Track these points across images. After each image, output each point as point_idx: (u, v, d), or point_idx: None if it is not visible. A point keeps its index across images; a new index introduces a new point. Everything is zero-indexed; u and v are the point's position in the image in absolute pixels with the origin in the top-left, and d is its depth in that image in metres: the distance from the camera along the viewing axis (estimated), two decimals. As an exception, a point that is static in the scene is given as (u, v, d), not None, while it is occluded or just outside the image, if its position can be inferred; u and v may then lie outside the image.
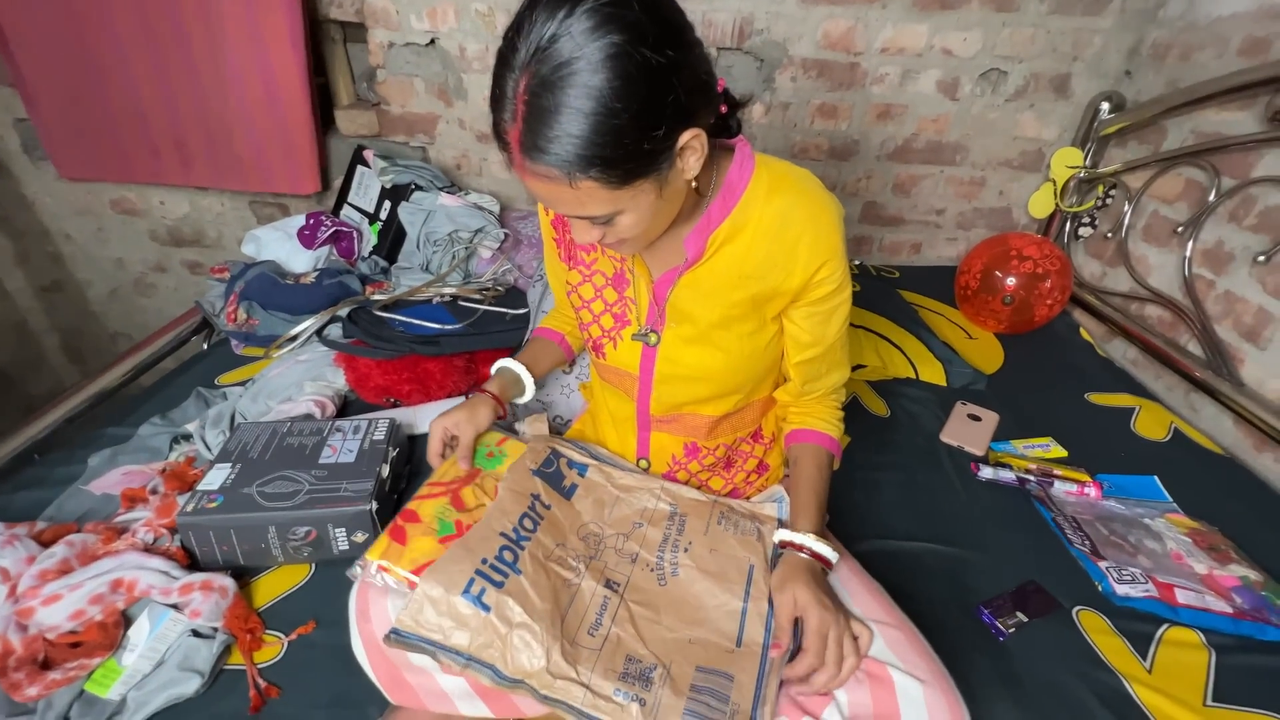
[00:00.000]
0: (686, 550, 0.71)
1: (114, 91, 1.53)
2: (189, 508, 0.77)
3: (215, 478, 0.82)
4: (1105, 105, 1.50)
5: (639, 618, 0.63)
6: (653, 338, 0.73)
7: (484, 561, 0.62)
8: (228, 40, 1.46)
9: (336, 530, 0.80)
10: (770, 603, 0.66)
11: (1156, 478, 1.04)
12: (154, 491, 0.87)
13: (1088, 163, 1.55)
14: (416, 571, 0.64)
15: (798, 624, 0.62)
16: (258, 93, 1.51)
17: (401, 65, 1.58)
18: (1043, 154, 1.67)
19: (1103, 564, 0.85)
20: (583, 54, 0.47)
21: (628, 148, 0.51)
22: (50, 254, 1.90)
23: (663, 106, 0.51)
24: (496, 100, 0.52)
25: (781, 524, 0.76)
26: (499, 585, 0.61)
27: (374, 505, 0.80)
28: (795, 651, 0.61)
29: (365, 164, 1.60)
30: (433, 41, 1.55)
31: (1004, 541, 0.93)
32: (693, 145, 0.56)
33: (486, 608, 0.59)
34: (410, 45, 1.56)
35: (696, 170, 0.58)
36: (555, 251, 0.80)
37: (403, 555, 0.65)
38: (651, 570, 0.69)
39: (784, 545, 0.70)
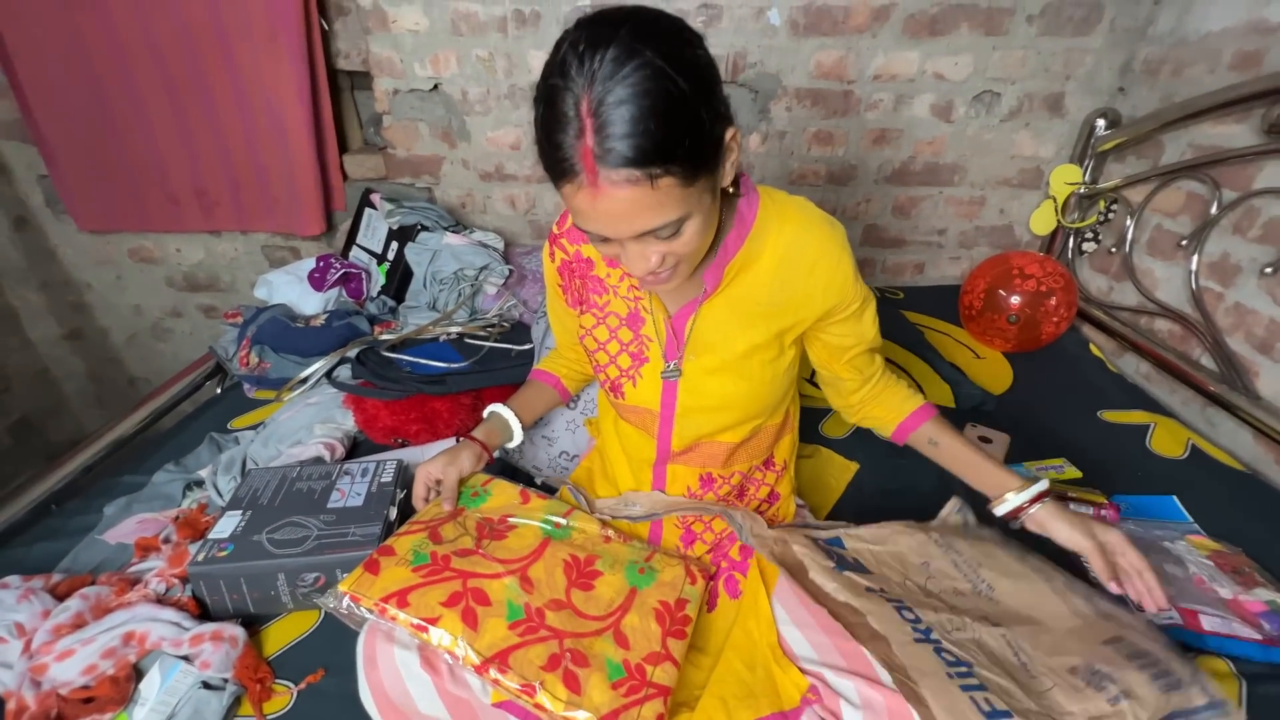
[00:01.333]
0: (982, 565, 0.72)
1: (132, 144, 1.59)
2: (200, 557, 0.78)
3: (226, 525, 0.82)
4: (1101, 122, 1.51)
5: (1024, 637, 0.64)
6: (673, 371, 0.74)
7: (950, 676, 0.57)
8: (248, 90, 1.52)
9: (345, 575, 0.81)
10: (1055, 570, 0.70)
11: (1175, 498, 1.02)
12: (166, 540, 0.88)
13: (1087, 178, 1.56)
14: (385, 600, 0.64)
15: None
16: (273, 139, 1.58)
17: (406, 110, 1.63)
18: (1041, 172, 1.68)
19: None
20: (640, 58, 0.49)
21: (699, 131, 0.52)
22: (72, 303, 1.95)
23: (715, 94, 0.54)
24: (557, 125, 0.51)
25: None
26: (982, 687, 0.56)
27: (381, 549, 0.80)
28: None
29: (373, 206, 1.64)
30: (436, 87, 1.60)
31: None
32: (731, 145, 0.58)
33: (1006, 714, 0.54)
34: (414, 91, 1.61)
35: (732, 175, 0.61)
36: (561, 298, 0.81)
37: (374, 585, 0.66)
38: (979, 595, 0.70)
39: (1014, 514, 0.72)
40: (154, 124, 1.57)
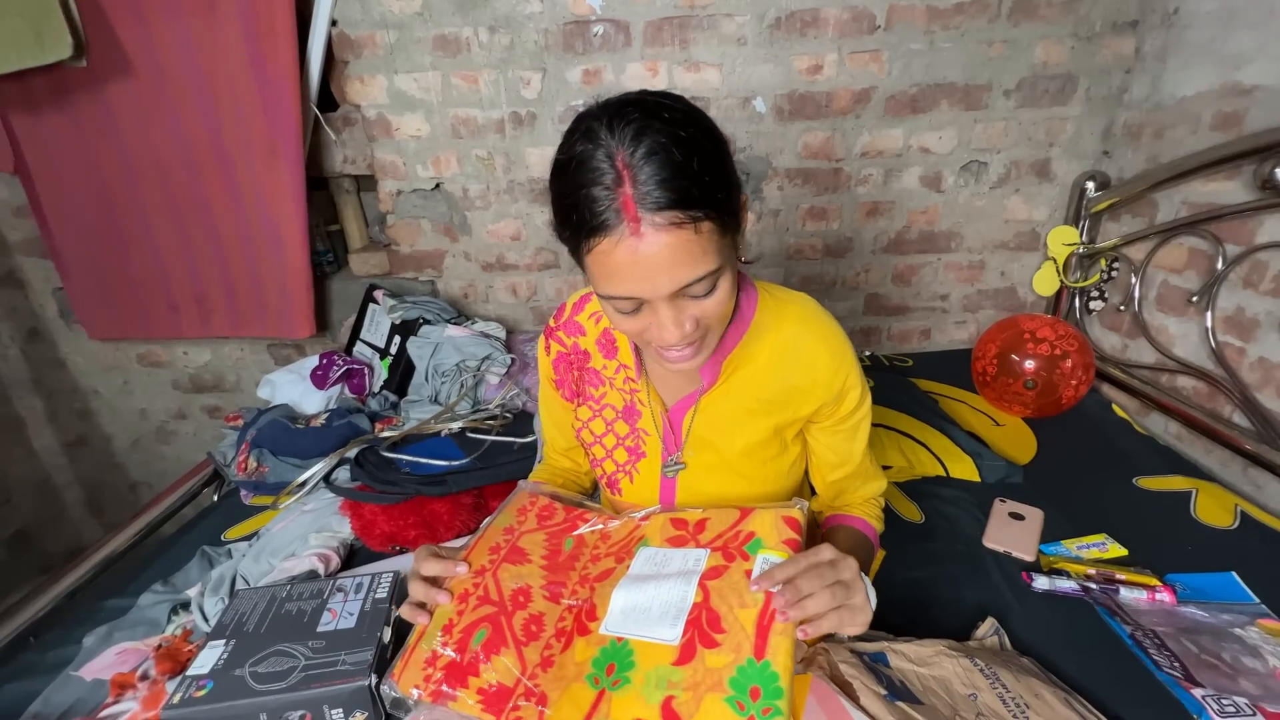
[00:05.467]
0: (1029, 707, 0.67)
1: (138, 257, 1.65)
2: (175, 699, 0.71)
3: (207, 659, 0.76)
4: (1090, 184, 1.53)
5: None
6: (669, 470, 0.71)
7: None
8: (245, 200, 1.58)
9: (333, 712, 0.73)
10: None
11: (1235, 574, 0.94)
12: (144, 677, 0.82)
13: (1084, 238, 1.56)
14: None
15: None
16: (268, 247, 1.62)
17: (409, 209, 1.69)
18: (1037, 234, 1.68)
19: (1198, 692, 0.74)
20: (662, 118, 0.50)
21: (728, 180, 0.54)
22: (77, 410, 1.96)
23: (730, 154, 0.55)
24: (590, 179, 0.49)
25: None
26: None
27: (373, 680, 0.73)
28: None
29: (376, 302, 1.66)
30: (438, 186, 1.66)
31: (1076, 667, 0.82)
32: (744, 215, 0.58)
33: None
34: (417, 191, 1.66)
35: (744, 250, 0.60)
36: (555, 393, 0.79)
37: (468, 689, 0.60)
38: None
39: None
40: (157, 237, 1.63)
